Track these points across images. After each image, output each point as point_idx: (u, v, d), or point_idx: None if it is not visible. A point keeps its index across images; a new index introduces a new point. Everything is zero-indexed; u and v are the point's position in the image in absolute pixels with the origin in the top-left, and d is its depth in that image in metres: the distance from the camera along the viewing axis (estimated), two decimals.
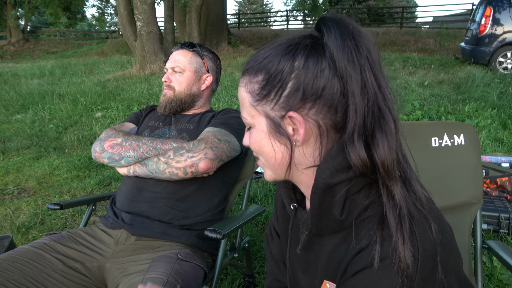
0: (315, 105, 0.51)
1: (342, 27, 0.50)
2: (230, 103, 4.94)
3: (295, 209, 0.64)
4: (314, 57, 0.50)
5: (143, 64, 7.65)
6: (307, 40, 0.52)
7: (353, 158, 0.48)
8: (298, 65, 0.51)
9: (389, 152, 0.48)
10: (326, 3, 14.92)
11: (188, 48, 1.36)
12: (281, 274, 0.78)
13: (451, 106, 4.25)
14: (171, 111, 1.35)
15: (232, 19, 21.00)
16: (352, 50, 0.48)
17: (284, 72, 0.51)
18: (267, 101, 0.54)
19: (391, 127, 0.48)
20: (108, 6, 24.19)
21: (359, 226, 0.51)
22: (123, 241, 1.12)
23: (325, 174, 0.50)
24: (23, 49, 16.67)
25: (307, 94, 0.51)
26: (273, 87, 0.53)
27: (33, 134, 4.13)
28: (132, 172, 1.20)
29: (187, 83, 1.35)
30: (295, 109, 0.52)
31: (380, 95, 0.49)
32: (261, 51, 0.55)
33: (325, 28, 0.50)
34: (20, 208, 2.42)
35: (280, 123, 0.54)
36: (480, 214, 1.08)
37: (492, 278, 1.57)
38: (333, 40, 0.49)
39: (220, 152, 1.16)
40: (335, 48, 0.49)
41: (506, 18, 5.89)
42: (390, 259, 0.45)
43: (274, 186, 2.59)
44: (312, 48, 0.51)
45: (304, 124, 0.52)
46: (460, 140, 1.09)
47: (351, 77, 0.48)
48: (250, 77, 0.55)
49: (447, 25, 13.55)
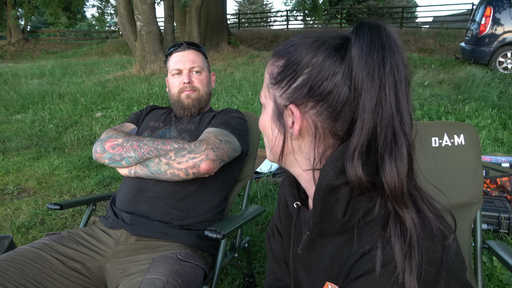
0: (317, 106, 0.51)
1: (375, 36, 0.47)
2: (230, 103, 4.94)
3: (298, 207, 0.63)
4: (332, 59, 0.49)
5: (143, 64, 7.65)
6: (335, 41, 0.51)
7: (350, 174, 0.47)
8: (314, 62, 0.50)
9: (397, 179, 0.45)
10: (326, 3, 14.90)
11: (196, 48, 1.37)
12: (282, 273, 0.78)
13: (451, 106, 4.25)
14: (197, 112, 1.37)
15: (232, 19, 21.01)
16: (376, 64, 0.45)
17: (301, 64, 0.51)
18: (278, 87, 0.54)
19: (403, 153, 0.46)
20: (108, 6, 24.19)
21: (362, 229, 0.50)
22: (123, 241, 1.12)
23: (329, 175, 0.50)
24: (23, 49, 16.67)
25: (312, 92, 0.50)
26: (287, 75, 0.53)
27: (33, 134, 4.13)
28: (133, 173, 1.20)
29: (207, 82, 1.38)
30: (297, 103, 0.52)
31: (397, 118, 0.45)
32: (294, 38, 0.55)
33: (356, 33, 0.48)
34: (20, 208, 2.42)
35: (283, 112, 0.54)
36: (480, 214, 1.08)
37: (492, 278, 1.57)
38: (358, 49, 0.47)
39: (222, 153, 1.16)
40: (357, 57, 0.47)
41: (506, 18, 5.89)
42: (392, 265, 0.44)
43: (274, 186, 2.59)
44: (335, 50, 0.50)
45: (301, 121, 0.52)
46: (460, 140, 1.09)
47: (365, 92, 0.46)
48: (275, 60, 0.56)
49: (447, 25, 13.55)
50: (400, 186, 0.45)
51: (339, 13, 18.63)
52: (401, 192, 0.46)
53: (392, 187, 0.45)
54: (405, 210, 0.46)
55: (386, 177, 0.45)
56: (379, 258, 0.45)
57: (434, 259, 0.45)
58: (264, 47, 11.99)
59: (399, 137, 0.46)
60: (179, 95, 1.34)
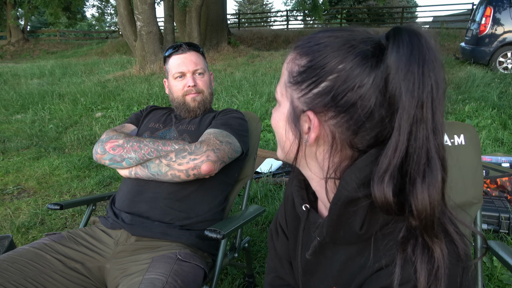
0: (337, 117, 0.47)
1: (416, 47, 0.41)
2: (230, 103, 4.94)
3: (307, 210, 0.60)
4: (361, 68, 0.44)
5: (143, 64, 7.65)
6: (367, 46, 0.45)
7: (377, 197, 0.43)
8: (341, 69, 0.45)
9: (429, 207, 0.41)
10: (326, 3, 14.91)
11: (196, 50, 1.37)
12: (284, 272, 0.76)
13: (451, 106, 4.25)
14: (201, 113, 1.37)
15: (232, 19, 21.01)
16: (416, 79, 0.41)
17: (325, 69, 0.46)
18: (297, 88, 0.50)
19: (437, 178, 0.42)
20: (108, 6, 24.20)
21: (379, 242, 0.48)
22: (123, 242, 1.12)
23: (350, 186, 0.46)
24: (23, 49, 16.67)
25: (335, 102, 0.46)
26: (308, 78, 0.48)
27: (33, 134, 4.13)
28: (133, 174, 1.20)
29: (209, 83, 1.39)
30: (317, 111, 0.48)
31: (433, 139, 0.42)
32: (319, 34, 0.50)
33: (393, 41, 0.43)
34: (20, 208, 2.42)
35: (299, 116, 0.50)
36: (480, 214, 1.08)
37: (492, 278, 1.57)
38: (396, 59, 0.41)
39: (222, 154, 1.16)
40: (395, 69, 0.41)
41: (506, 18, 5.89)
42: (411, 284, 0.42)
43: (274, 186, 2.59)
44: (365, 57, 0.45)
45: (318, 130, 0.48)
46: (460, 140, 1.09)
47: (403, 109, 0.41)
48: (296, 56, 0.51)
49: (447, 25, 13.55)
50: (431, 215, 0.42)
51: (339, 13, 18.63)
52: (431, 221, 0.42)
53: (423, 216, 0.42)
54: (435, 240, 0.43)
55: (416, 204, 0.42)
56: (397, 276, 0.43)
57: (454, 282, 0.43)
58: (264, 47, 11.99)
59: (433, 161, 0.42)
60: (184, 98, 1.33)
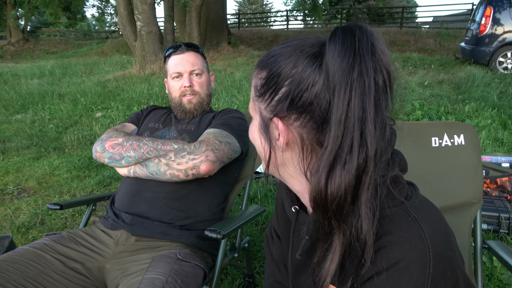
0: (300, 118, 0.49)
1: (347, 41, 0.44)
2: (230, 103, 4.94)
3: (296, 212, 0.62)
4: (311, 68, 0.47)
5: (143, 64, 7.65)
6: (314, 48, 0.48)
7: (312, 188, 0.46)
8: (294, 73, 0.48)
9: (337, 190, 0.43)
10: (326, 3, 14.91)
11: (195, 50, 1.36)
12: (281, 276, 0.77)
13: (451, 106, 4.25)
14: (199, 114, 1.36)
15: (232, 19, 21.00)
16: (346, 70, 0.43)
17: (281, 76, 0.50)
18: (262, 99, 0.53)
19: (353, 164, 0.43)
20: (108, 6, 24.17)
21: None
22: (123, 242, 1.12)
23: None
24: (23, 49, 16.66)
25: (294, 105, 0.49)
26: (269, 88, 0.52)
27: (33, 134, 4.13)
28: (132, 173, 1.20)
29: (207, 84, 1.38)
30: (281, 116, 0.51)
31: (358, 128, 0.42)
32: (275, 47, 0.53)
33: (329, 39, 0.46)
34: (20, 208, 2.42)
35: (268, 124, 0.53)
36: (480, 214, 1.08)
37: (492, 278, 1.57)
38: (331, 55, 0.44)
39: (221, 154, 1.16)
40: (331, 64, 0.44)
41: (506, 18, 5.89)
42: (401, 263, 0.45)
43: (274, 186, 2.59)
44: (313, 58, 0.47)
45: (285, 134, 0.51)
46: (460, 140, 1.09)
47: (335, 102, 0.43)
48: (258, 71, 0.55)
49: (447, 25, 13.55)
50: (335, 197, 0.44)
51: (339, 13, 18.63)
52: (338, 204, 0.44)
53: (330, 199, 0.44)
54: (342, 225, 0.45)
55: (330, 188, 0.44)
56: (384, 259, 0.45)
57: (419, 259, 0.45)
58: (264, 47, 11.98)
59: (354, 149, 0.43)
60: (181, 98, 1.34)
